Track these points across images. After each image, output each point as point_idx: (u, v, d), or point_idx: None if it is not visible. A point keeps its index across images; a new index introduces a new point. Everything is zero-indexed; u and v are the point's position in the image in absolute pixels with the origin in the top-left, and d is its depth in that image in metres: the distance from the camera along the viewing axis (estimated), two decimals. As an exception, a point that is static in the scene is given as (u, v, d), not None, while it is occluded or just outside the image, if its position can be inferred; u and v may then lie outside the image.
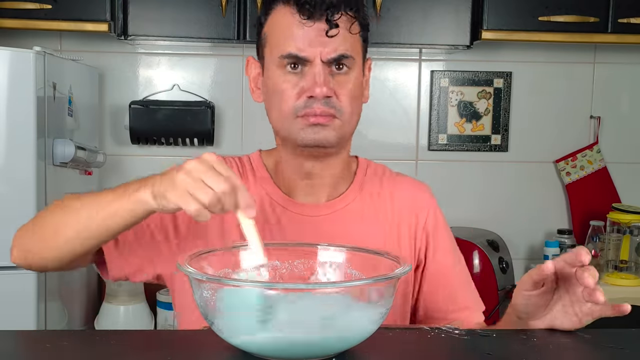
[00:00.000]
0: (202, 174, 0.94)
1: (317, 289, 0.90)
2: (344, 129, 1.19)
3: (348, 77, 1.18)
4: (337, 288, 0.91)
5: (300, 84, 1.16)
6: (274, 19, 1.19)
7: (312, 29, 1.13)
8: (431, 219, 1.31)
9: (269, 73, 1.20)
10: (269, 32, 1.20)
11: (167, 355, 0.90)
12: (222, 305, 0.87)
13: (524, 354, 0.94)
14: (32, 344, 0.97)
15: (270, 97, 1.21)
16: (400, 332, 1.01)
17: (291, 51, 1.15)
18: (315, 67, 1.14)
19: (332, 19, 1.13)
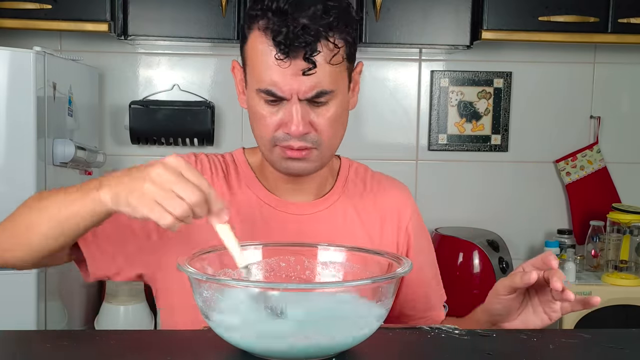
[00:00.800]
0: (172, 185, 0.91)
1: (316, 289, 0.90)
2: (322, 157, 1.18)
3: (328, 108, 1.13)
4: (336, 288, 0.91)
5: (278, 115, 1.13)
6: (253, 42, 1.12)
7: (288, 68, 1.07)
8: (413, 220, 1.31)
9: (250, 93, 1.16)
10: (249, 53, 1.14)
11: (167, 355, 0.90)
12: (222, 305, 0.87)
13: (524, 354, 0.94)
14: (32, 344, 0.97)
15: (252, 116, 1.18)
16: (400, 332, 1.01)
17: (268, 88, 1.10)
18: (292, 105, 1.10)
19: (310, 57, 1.07)
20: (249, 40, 1.13)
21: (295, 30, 1.05)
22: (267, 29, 1.08)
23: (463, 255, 2.51)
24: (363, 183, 1.30)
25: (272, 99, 1.12)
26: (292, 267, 1.05)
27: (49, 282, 2.07)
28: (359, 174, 1.32)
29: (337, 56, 1.10)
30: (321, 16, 1.07)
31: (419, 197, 2.82)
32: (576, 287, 2.40)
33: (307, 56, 1.07)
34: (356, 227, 1.25)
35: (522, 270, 1.07)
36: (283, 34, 1.06)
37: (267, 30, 1.08)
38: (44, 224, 1.06)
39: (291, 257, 1.05)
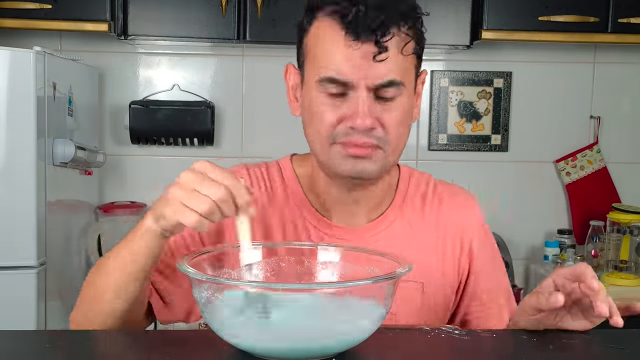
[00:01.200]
0: (195, 184, 0.90)
1: (317, 289, 0.90)
2: (387, 159, 1.07)
3: (396, 104, 1.04)
4: (337, 288, 0.91)
5: (341, 108, 1.03)
6: (317, 30, 1.04)
7: (358, 51, 0.99)
8: (476, 240, 1.20)
9: (308, 90, 1.07)
10: (310, 44, 1.06)
11: (167, 355, 0.90)
12: (221, 305, 0.87)
13: (524, 354, 0.94)
14: (32, 344, 0.97)
15: (308, 116, 1.08)
16: (400, 332, 1.01)
17: (333, 75, 1.01)
18: (359, 94, 1.01)
19: (382, 41, 0.99)
20: (311, 31, 1.06)
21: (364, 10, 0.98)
22: (335, 13, 1.01)
23: (463, 255, 2.51)
24: (423, 199, 1.20)
25: (335, 90, 1.02)
26: (292, 267, 1.05)
27: (49, 282, 2.07)
28: (420, 188, 1.21)
29: (408, 46, 1.03)
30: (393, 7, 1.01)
31: (419, 197, 2.82)
32: (576, 287, 2.40)
33: (379, 39, 0.99)
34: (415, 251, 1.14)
35: (552, 282, 0.98)
36: (353, 13, 0.98)
37: (335, 13, 1.01)
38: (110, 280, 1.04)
39: (291, 257, 1.05)
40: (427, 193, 1.21)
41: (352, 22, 0.98)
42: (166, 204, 0.93)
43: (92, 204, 2.58)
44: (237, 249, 1.01)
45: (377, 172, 1.08)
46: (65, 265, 2.26)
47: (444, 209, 1.19)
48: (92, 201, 2.59)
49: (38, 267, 2.00)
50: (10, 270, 1.98)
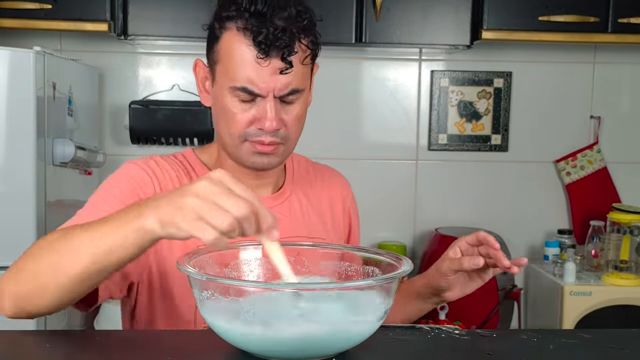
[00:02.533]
0: (215, 196, 0.84)
1: (317, 290, 0.90)
2: (287, 152, 1.25)
3: (295, 106, 1.20)
4: (337, 288, 0.91)
5: (251, 112, 1.17)
6: (229, 41, 1.16)
7: (267, 67, 1.13)
8: (353, 203, 1.44)
9: (220, 91, 1.19)
10: (222, 52, 1.17)
11: (167, 355, 0.90)
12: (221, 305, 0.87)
13: (524, 354, 0.94)
14: (32, 344, 0.97)
15: (220, 113, 1.21)
16: (400, 332, 1.01)
17: (245, 86, 1.15)
18: (267, 102, 1.16)
19: (287, 58, 1.13)
20: (222, 40, 1.17)
21: (275, 32, 1.11)
22: (246, 30, 1.13)
23: (463, 255, 2.50)
24: (307, 173, 1.40)
25: (246, 97, 1.16)
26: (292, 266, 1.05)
27: (49, 282, 2.07)
28: (302, 165, 1.41)
29: (308, 57, 1.18)
30: (296, 19, 1.14)
31: (418, 197, 2.82)
32: (576, 287, 2.40)
33: (285, 56, 1.13)
34: (311, 216, 1.33)
35: (458, 249, 1.19)
36: (263, 34, 1.11)
37: (246, 30, 1.13)
38: (78, 265, 0.95)
39: (291, 257, 1.05)
40: (308, 168, 1.41)
41: (263, 42, 1.11)
42: (181, 214, 0.85)
43: (92, 204, 2.57)
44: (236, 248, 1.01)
45: (278, 163, 1.26)
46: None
47: (326, 179, 1.41)
48: (92, 201, 2.58)
49: (38, 267, 2.00)
50: (10, 270, 1.98)
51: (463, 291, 1.22)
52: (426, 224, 2.80)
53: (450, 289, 1.22)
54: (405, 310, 1.30)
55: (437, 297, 1.25)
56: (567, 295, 2.39)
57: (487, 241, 1.15)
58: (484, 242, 1.17)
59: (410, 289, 1.30)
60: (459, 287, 1.22)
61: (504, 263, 1.13)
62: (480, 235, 1.17)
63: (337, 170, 1.46)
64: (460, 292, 1.23)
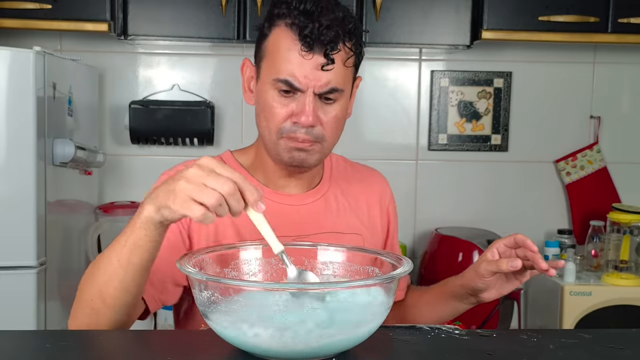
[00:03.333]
0: (203, 179, 0.92)
1: (317, 289, 0.90)
2: (324, 151, 1.26)
3: (334, 106, 1.23)
4: (337, 288, 0.91)
5: (289, 106, 1.21)
6: (276, 37, 1.21)
7: (309, 61, 1.17)
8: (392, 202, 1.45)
9: (263, 86, 1.23)
10: (269, 48, 1.22)
11: (167, 355, 0.90)
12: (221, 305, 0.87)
13: (524, 354, 0.94)
14: (32, 344, 0.97)
15: (261, 108, 1.25)
16: (400, 332, 1.01)
17: (287, 78, 1.18)
18: (306, 97, 1.19)
19: (330, 54, 1.17)
20: (270, 36, 1.22)
21: (320, 28, 1.16)
22: (294, 25, 1.18)
23: (463, 255, 2.51)
24: (345, 171, 1.41)
25: (286, 90, 1.19)
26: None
27: (49, 282, 2.07)
28: (340, 164, 1.42)
29: (350, 59, 1.21)
30: (342, 21, 1.19)
31: (419, 197, 2.82)
32: (576, 287, 2.40)
33: (328, 52, 1.17)
34: (348, 213, 1.35)
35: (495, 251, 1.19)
36: (309, 29, 1.16)
37: (294, 26, 1.18)
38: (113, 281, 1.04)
39: (291, 257, 1.05)
40: (346, 167, 1.43)
41: (308, 36, 1.16)
42: (172, 196, 0.94)
43: (92, 204, 2.58)
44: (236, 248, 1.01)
45: (314, 162, 1.27)
46: (65, 265, 2.26)
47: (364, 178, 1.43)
48: (92, 201, 2.59)
49: (38, 267, 2.00)
50: (10, 270, 1.98)
51: (500, 292, 1.23)
52: (426, 224, 2.80)
53: (488, 289, 1.23)
54: (438, 311, 1.32)
55: (474, 298, 1.26)
56: (567, 295, 2.39)
57: (525, 244, 1.16)
58: (521, 245, 1.17)
59: (445, 290, 1.30)
60: (496, 288, 1.23)
61: (542, 265, 1.13)
62: (518, 238, 1.17)
63: (376, 170, 1.48)
64: (497, 293, 1.23)
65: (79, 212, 2.46)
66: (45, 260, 2.04)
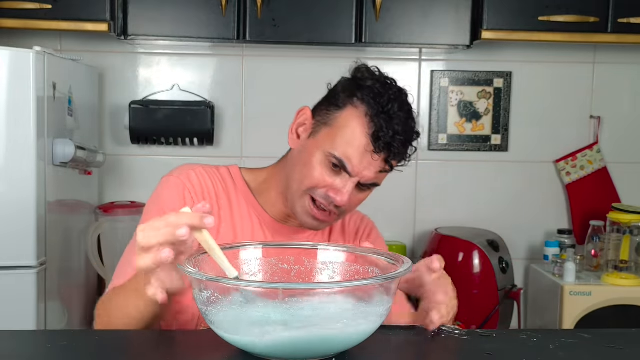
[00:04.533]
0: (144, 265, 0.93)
1: (317, 289, 0.90)
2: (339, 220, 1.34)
3: (366, 193, 1.29)
4: (337, 288, 0.91)
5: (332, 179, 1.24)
6: (348, 115, 1.24)
7: (372, 161, 1.22)
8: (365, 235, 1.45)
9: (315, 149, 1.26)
10: (338, 121, 1.25)
11: (167, 355, 0.90)
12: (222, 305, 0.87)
13: (524, 354, 0.94)
14: (32, 344, 0.97)
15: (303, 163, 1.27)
16: (400, 332, 1.01)
17: (343, 160, 1.22)
18: (350, 181, 1.24)
19: (391, 162, 1.24)
20: (344, 111, 1.25)
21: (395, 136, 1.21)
22: (371, 119, 1.22)
23: (463, 255, 2.51)
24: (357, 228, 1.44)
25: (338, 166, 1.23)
26: (291, 267, 1.06)
27: (49, 282, 2.07)
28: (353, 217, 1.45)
29: (402, 163, 1.28)
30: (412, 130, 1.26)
31: (419, 197, 2.82)
32: (576, 287, 2.41)
33: (390, 159, 1.23)
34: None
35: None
36: (384, 133, 1.21)
37: (371, 119, 1.22)
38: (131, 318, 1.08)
39: (291, 257, 1.05)
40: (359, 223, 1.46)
41: (381, 139, 1.21)
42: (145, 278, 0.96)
43: (92, 204, 2.58)
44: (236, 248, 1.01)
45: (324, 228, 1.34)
46: (65, 265, 2.26)
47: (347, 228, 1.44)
48: (92, 201, 2.59)
49: (38, 267, 2.00)
50: (10, 270, 1.98)
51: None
52: (426, 224, 2.80)
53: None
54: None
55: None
56: (567, 295, 2.39)
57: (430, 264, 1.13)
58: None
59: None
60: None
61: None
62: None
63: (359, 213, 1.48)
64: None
65: (79, 212, 2.46)
66: (45, 260, 2.04)
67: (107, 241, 2.48)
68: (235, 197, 1.34)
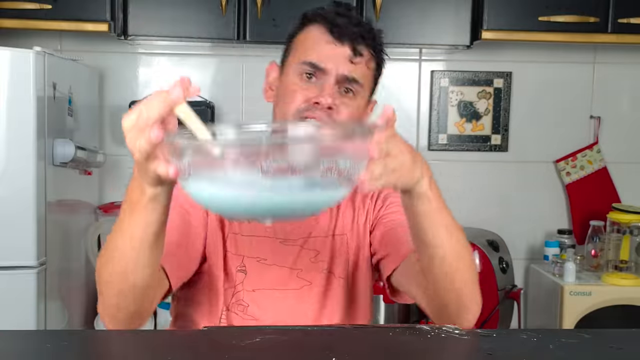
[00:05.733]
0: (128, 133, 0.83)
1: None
2: None
3: (352, 101, 1.25)
4: (311, 134, 0.87)
5: (310, 91, 1.23)
6: (305, 34, 1.28)
7: (337, 49, 1.23)
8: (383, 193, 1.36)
9: (286, 75, 1.27)
10: (297, 43, 1.28)
11: (167, 355, 0.90)
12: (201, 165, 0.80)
13: (524, 354, 0.94)
14: (32, 344, 0.97)
15: (281, 95, 1.27)
16: (400, 332, 1.01)
17: (313, 60, 1.23)
18: (328, 80, 1.23)
19: (357, 48, 1.23)
20: (302, 32, 1.28)
21: (351, 21, 1.24)
22: (325, 20, 1.24)
23: (463, 255, 2.50)
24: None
25: (310, 73, 1.23)
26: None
27: (49, 282, 2.07)
28: None
29: (371, 62, 1.27)
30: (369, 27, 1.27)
31: (419, 197, 2.82)
32: (576, 287, 2.41)
33: (356, 46, 1.23)
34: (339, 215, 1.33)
35: None
36: (340, 21, 1.23)
37: (325, 21, 1.24)
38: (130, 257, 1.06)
39: None
40: None
41: (338, 26, 1.23)
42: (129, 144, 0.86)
43: (92, 204, 2.58)
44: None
45: None
46: (65, 265, 2.26)
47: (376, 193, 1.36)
48: (92, 201, 2.59)
49: (38, 267, 2.00)
50: (10, 270, 1.98)
51: None
52: (426, 224, 2.79)
53: None
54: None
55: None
56: (567, 295, 2.39)
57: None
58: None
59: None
60: None
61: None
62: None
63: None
64: None
65: (79, 212, 2.46)
66: (45, 260, 2.04)
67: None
68: None
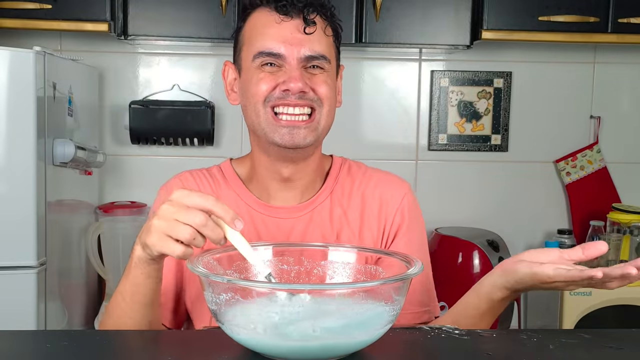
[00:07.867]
0: (174, 214, 0.93)
1: (329, 290, 0.89)
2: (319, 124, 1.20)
3: (322, 77, 1.19)
4: (350, 289, 0.89)
5: (275, 77, 1.17)
6: (251, 22, 1.21)
7: (288, 25, 1.16)
8: (398, 220, 1.29)
9: (246, 72, 1.20)
10: (246, 35, 1.21)
11: (167, 355, 0.90)
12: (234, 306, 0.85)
13: (524, 354, 0.93)
14: (32, 344, 0.97)
15: (246, 96, 1.21)
16: (400, 332, 1.01)
17: (267, 48, 1.16)
18: (291, 64, 1.16)
19: (308, 17, 1.16)
20: (247, 23, 1.21)
21: None
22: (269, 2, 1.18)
23: (463, 255, 2.51)
24: (352, 182, 1.30)
25: (270, 63, 1.16)
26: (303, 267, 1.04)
27: (49, 282, 2.07)
28: (352, 173, 1.31)
29: (329, 28, 1.20)
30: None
31: (419, 197, 2.80)
32: (576, 287, 2.40)
33: (306, 15, 1.16)
34: (343, 226, 1.26)
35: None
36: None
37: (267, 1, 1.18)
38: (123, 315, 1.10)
39: (302, 257, 1.04)
40: (357, 176, 1.31)
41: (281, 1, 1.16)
42: (150, 235, 0.96)
43: (92, 204, 2.58)
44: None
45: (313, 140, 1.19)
46: (65, 265, 2.26)
47: (371, 189, 1.29)
48: (92, 201, 2.59)
49: (38, 267, 2.00)
50: (10, 270, 1.98)
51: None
52: (426, 224, 2.76)
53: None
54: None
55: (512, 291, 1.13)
56: (567, 295, 2.39)
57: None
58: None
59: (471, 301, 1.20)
60: None
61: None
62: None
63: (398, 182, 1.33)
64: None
65: (79, 212, 2.46)
66: (45, 260, 2.04)
67: (107, 241, 2.48)
68: (226, 191, 1.27)
